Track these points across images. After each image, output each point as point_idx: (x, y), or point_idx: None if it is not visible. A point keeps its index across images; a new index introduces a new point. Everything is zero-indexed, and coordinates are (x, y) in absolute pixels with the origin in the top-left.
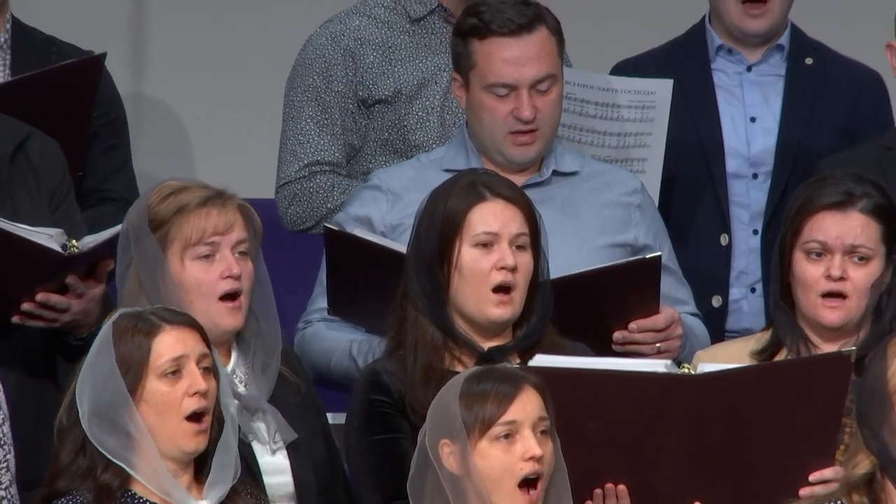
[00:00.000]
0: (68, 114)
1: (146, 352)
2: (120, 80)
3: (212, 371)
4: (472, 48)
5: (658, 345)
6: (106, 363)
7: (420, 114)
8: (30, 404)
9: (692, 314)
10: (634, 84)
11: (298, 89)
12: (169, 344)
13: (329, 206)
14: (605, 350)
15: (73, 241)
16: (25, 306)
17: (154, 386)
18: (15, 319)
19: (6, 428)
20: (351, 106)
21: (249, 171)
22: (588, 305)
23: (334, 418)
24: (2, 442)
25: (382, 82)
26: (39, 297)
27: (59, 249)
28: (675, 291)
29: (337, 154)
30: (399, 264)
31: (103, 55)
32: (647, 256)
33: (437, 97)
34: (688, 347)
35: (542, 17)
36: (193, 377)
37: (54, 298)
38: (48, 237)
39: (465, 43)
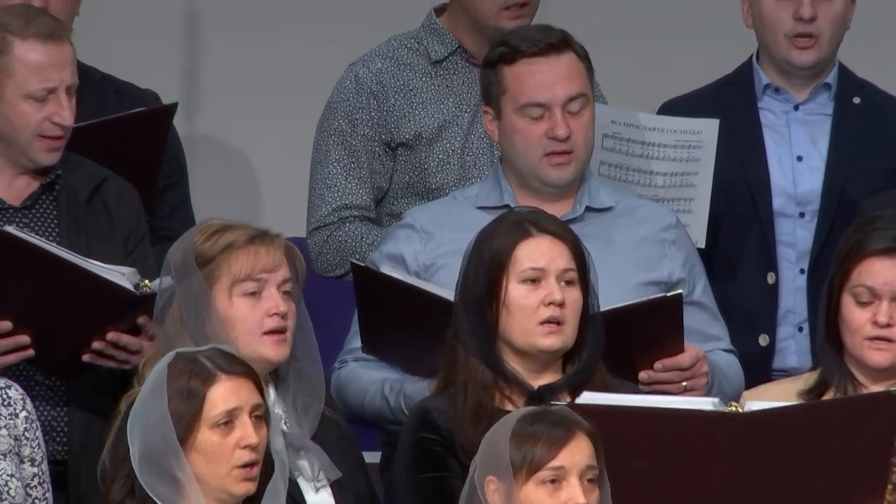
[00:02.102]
0: (137, 160)
1: (200, 401)
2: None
3: (263, 418)
4: (501, 74)
5: (684, 383)
6: (159, 408)
7: (440, 156)
8: (96, 444)
9: (727, 350)
10: (681, 124)
11: (325, 133)
12: (223, 395)
13: (358, 257)
14: None
15: (146, 280)
16: (96, 345)
17: (206, 436)
18: (86, 358)
19: (44, 466)
20: (377, 149)
21: (293, 211)
22: (612, 345)
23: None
24: (41, 479)
25: (404, 126)
26: (110, 335)
27: (131, 288)
28: (708, 328)
29: (365, 197)
30: (427, 303)
31: (174, 105)
32: (668, 294)
33: (458, 139)
34: (716, 385)
35: (568, 41)
36: (245, 430)
37: (125, 339)
38: (120, 275)
39: (495, 71)
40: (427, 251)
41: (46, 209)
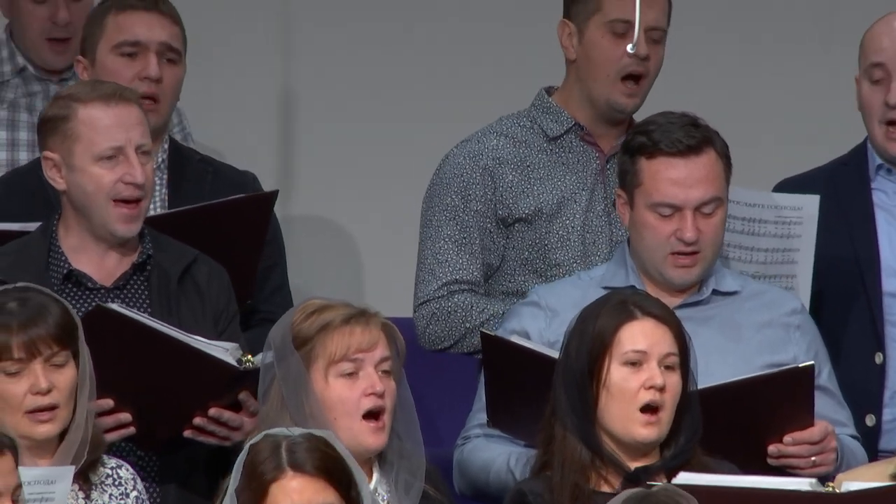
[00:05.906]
0: (239, 245)
1: (263, 496)
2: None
3: None
4: (638, 166)
5: (813, 458)
6: (230, 492)
7: (561, 233)
8: None
9: (852, 436)
10: (781, 200)
11: (437, 209)
12: (287, 493)
13: (468, 325)
14: (758, 463)
15: (249, 356)
16: (197, 421)
17: None
18: (187, 433)
19: None
20: (489, 225)
21: (395, 290)
22: (740, 417)
23: None
24: None
25: (522, 201)
26: (212, 411)
27: (234, 363)
28: (834, 413)
29: (475, 273)
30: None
31: (275, 193)
32: (800, 365)
33: (578, 216)
34: (844, 464)
35: (710, 139)
36: None
37: (227, 415)
38: (224, 351)
39: (633, 161)
40: (552, 329)
41: (138, 289)
